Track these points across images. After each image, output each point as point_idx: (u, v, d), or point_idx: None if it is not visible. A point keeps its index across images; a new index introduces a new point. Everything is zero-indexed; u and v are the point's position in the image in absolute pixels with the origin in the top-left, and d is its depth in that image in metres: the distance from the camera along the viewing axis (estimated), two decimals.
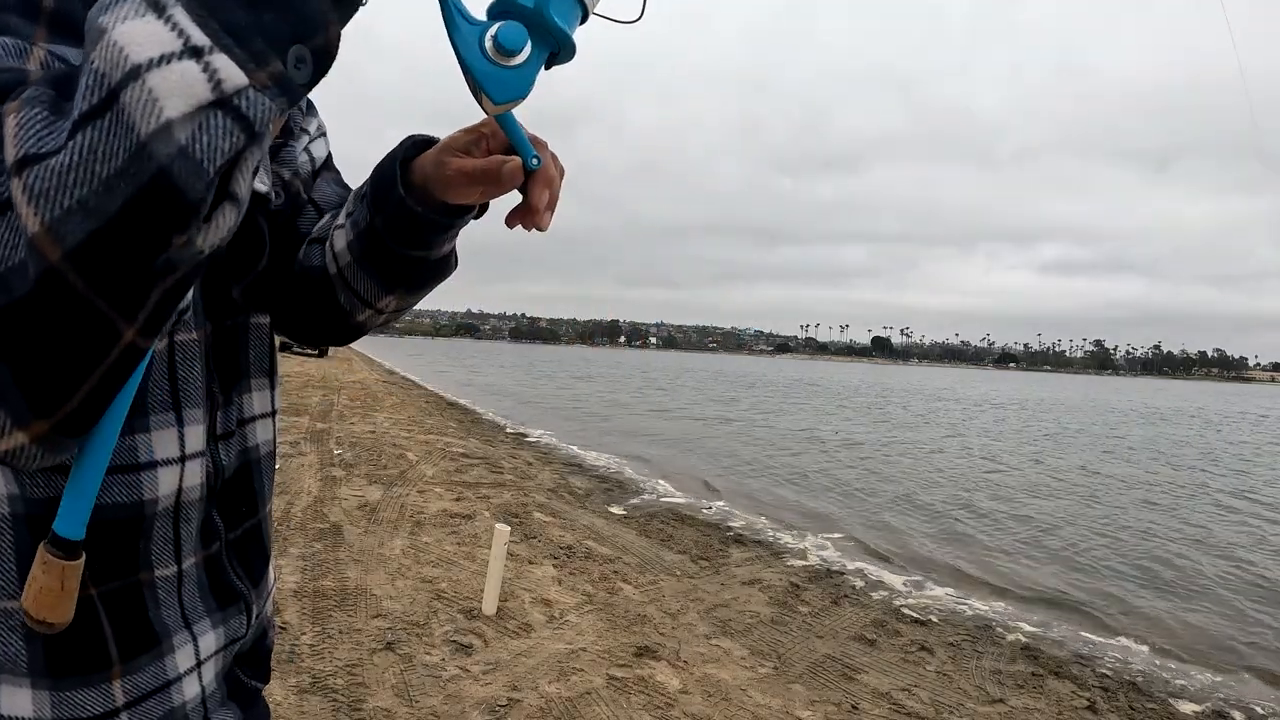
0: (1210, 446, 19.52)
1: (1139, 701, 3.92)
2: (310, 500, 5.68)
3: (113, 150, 0.36)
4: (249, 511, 0.70)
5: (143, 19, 0.37)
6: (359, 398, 14.08)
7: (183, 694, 0.62)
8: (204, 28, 0.38)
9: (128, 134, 0.36)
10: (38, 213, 0.36)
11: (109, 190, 0.36)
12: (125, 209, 0.37)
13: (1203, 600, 5.97)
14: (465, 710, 2.88)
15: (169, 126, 0.37)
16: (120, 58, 0.36)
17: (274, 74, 0.40)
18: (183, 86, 0.37)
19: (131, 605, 0.58)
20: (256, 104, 0.39)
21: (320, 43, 0.42)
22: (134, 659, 0.58)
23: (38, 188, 0.36)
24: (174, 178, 0.37)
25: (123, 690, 0.57)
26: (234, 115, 0.38)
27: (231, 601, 0.67)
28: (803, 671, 3.66)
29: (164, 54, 0.37)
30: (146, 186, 0.37)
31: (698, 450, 12.61)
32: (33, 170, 0.36)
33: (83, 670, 0.55)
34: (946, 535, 7.49)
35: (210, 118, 0.38)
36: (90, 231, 0.36)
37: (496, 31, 0.50)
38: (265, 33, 0.40)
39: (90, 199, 0.36)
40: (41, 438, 0.42)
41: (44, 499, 0.52)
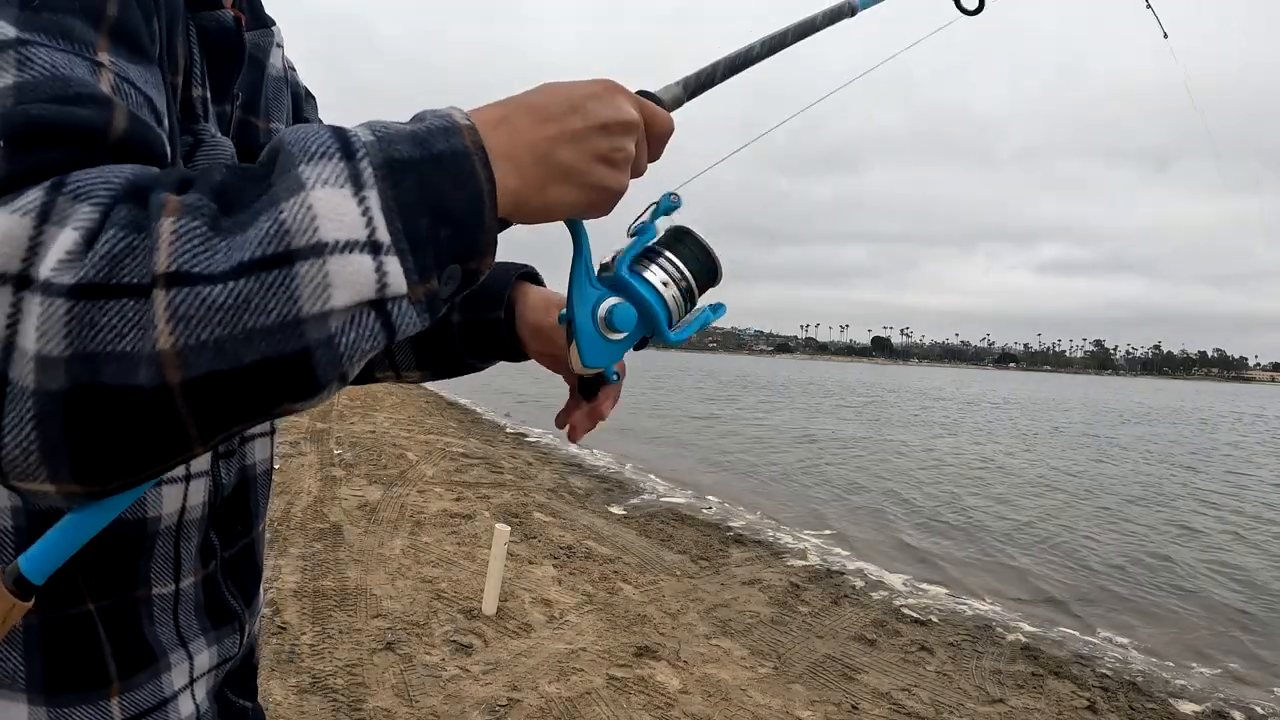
0: (1201, 446, 19.52)
1: (1139, 701, 3.92)
2: (310, 500, 5.68)
3: (268, 309, 0.37)
4: (244, 530, 0.70)
5: (340, 190, 0.38)
6: (359, 398, 14.07)
7: (179, 712, 0.61)
8: (389, 225, 0.39)
9: (289, 303, 0.37)
10: (174, 333, 0.36)
11: (249, 342, 0.37)
12: (257, 366, 0.37)
13: (1202, 600, 5.97)
14: (465, 710, 2.88)
15: (329, 315, 0.38)
16: (310, 225, 0.37)
17: (429, 290, 0.42)
18: (355, 280, 0.38)
19: (128, 622, 0.57)
20: (406, 315, 0.40)
21: (474, 267, 0.44)
22: (132, 676, 0.57)
23: (183, 311, 0.36)
24: (313, 360, 0.38)
25: (120, 707, 0.57)
26: (383, 320, 0.40)
27: (226, 620, 0.67)
28: (803, 671, 3.66)
29: (349, 241, 0.38)
30: (286, 357, 0.37)
31: (689, 448, 12.62)
32: (182, 291, 0.36)
33: (81, 687, 0.55)
34: (946, 535, 7.49)
35: (364, 316, 0.39)
36: (215, 371, 0.36)
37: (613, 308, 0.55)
38: (438, 248, 0.41)
39: (228, 343, 0.36)
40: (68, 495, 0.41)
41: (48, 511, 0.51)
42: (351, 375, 0.42)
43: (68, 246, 0.36)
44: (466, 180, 0.43)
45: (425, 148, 0.42)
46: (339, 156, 0.40)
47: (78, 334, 0.36)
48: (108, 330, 0.36)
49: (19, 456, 0.38)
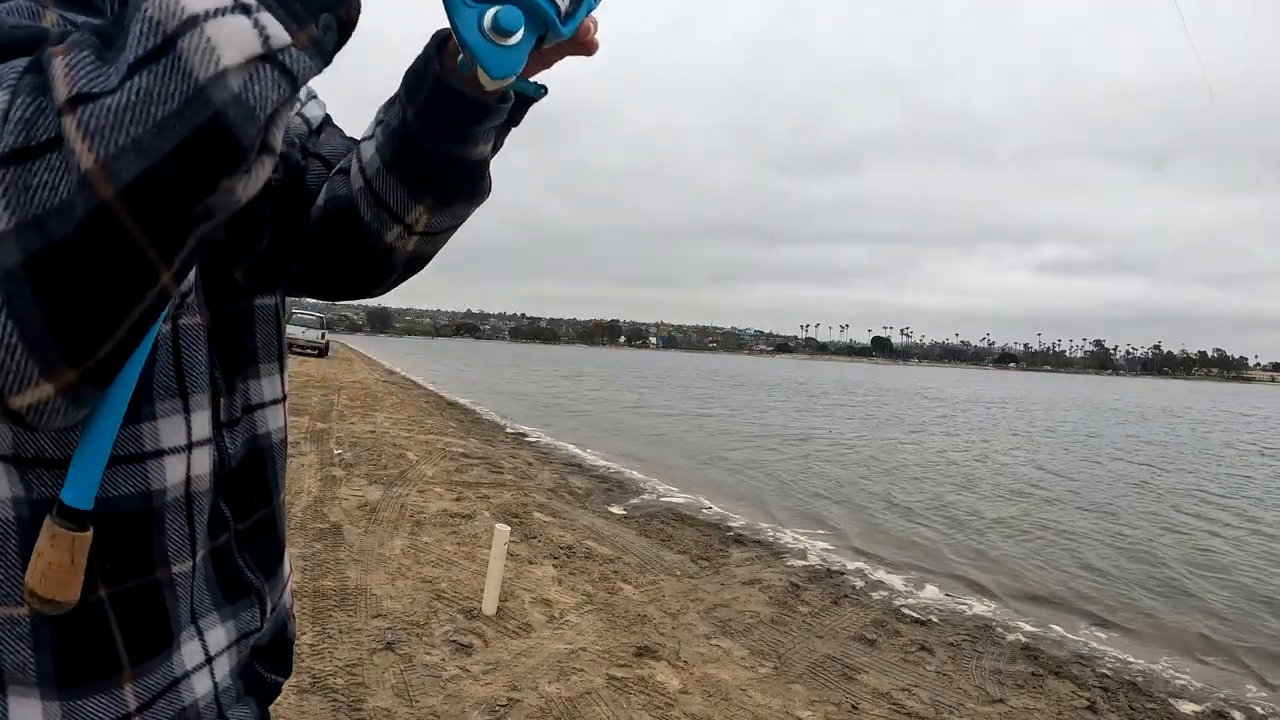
0: (1195, 446, 19.52)
1: (1139, 701, 3.92)
2: (310, 500, 5.68)
3: (168, 93, 0.37)
4: (260, 501, 0.69)
5: None
6: (359, 397, 14.07)
7: (193, 691, 0.60)
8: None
9: (185, 78, 0.37)
10: (92, 149, 0.37)
11: (163, 131, 0.37)
12: (179, 149, 0.38)
13: (1202, 600, 5.98)
14: (465, 710, 2.88)
15: (225, 74, 0.38)
16: (177, 7, 0.38)
17: (311, 36, 0.42)
18: (237, 38, 0.39)
19: (145, 605, 0.56)
20: (299, 61, 0.41)
21: (343, 14, 0.45)
22: (145, 660, 0.56)
23: (93, 125, 0.37)
24: (228, 122, 0.38)
25: (134, 693, 0.56)
26: (280, 69, 0.40)
27: (242, 594, 0.66)
28: (803, 671, 3.66)
29: (218, 7, 0.39)
30: (202, 128, 0.38)
31: (680, 447, 12.62)
32: (87, 108, 0.37)
33: (92, 676, 0.54)
34: (945, 534, 7.48)
35: (260, 69, 0.39)
36: (143, 170, 0.37)
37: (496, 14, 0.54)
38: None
39: (145, 139, 0.37)
40: (68, 388, 0.41)
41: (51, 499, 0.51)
42: (275, 140, 0.42)
43: None
44: None
45: None
46: None
47: (15, 202, 0.37)
48: (42, 189, 0.37)
49: (6, 360, 0.38)
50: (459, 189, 0.69)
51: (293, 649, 0.77)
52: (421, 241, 0.72)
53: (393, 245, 0.71)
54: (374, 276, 0.75)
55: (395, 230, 0.70)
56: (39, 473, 0.51)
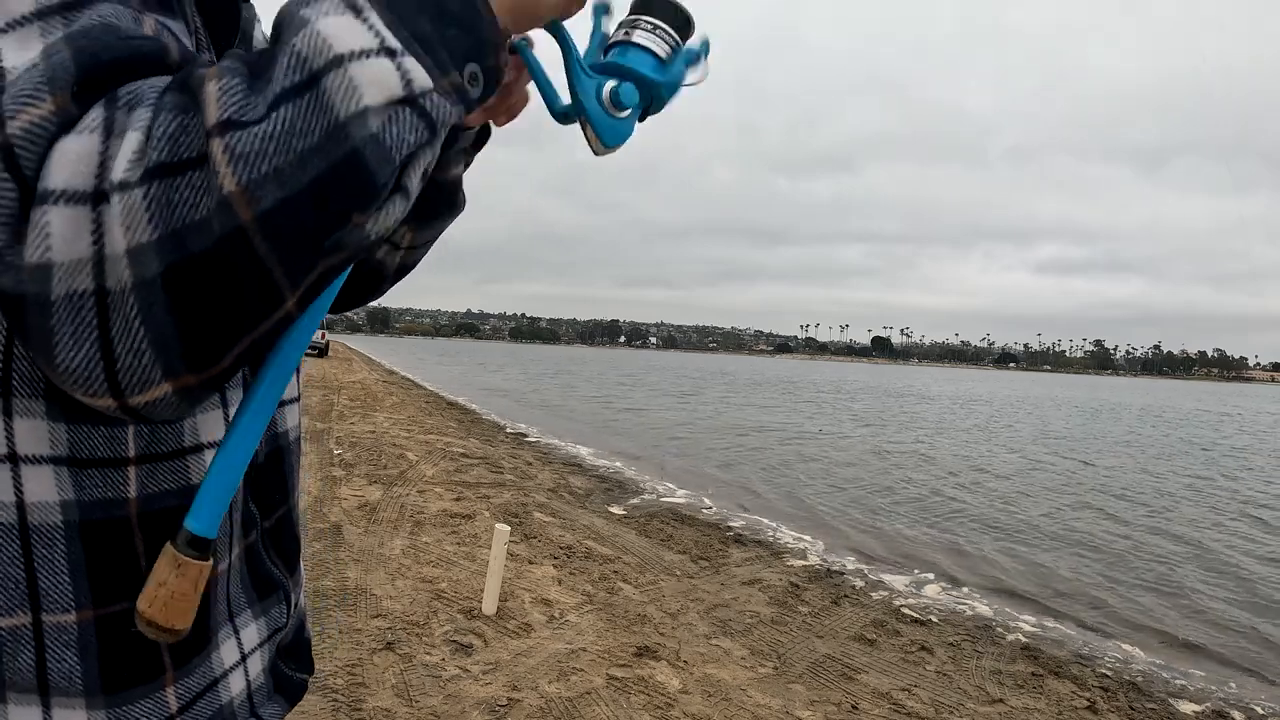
0: (1191, 446, 19.54)
1: (1139, 701, 3.92)
2: (310, 500, 5.68)
3: (310, 127, 0.39)
4: (281, 499, 0.69)
5: (342, 16, 0.42)
6: (359, 398, 14.08)
7: (230, 690, 0.60)
8: (396, 33, 0.43)
9: (326, 114, 0.40)
10: (236, 174, 0.38)
11: (303, 163, 0.39)
12: (316, 182, 0.39)
13: (1202, 599, 5.98)
14: (465, 710, 2.88)
15: (365, 113, 0.40)
16: (324, 45, 0.40)
17: (454, 83, 0.45)
18: (379, 80, 0.41)
19: None
20: (439, 106, 0.43)
21: (492, 64, 0.48)
22: (186, 662, 0.56)
23: (239, 150, 0.38)
24: (365, 160, 0.40)
25: (175, 695, 0.55)
26: (420, 113, 0.42)
27: (271, 591, 0.66)
28: (803, 671, 3.66)
29: (363, 49, 0.41)
30: (339, 164, 0.40)
31: (679, 446, 12.63)
32: (235, 134, 0.39)
33: (137, 682, 0.53)
34: (944, 535, 7.49)
35: (400, 112, 0.41)
36: (281, 199, 0.39)
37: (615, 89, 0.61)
38: (448, 46, 0.45)
39: (285, 169, 0.39)
40: (185, 390, 0.43)
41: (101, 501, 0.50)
42: (411, 182, 0.44)
43: (134, 147, 0.39)
44: None
45: None
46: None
47: (158, 215, 0.38)
48: (183, 205, 0.38)
49: (133, 363, 0.40)
50: (437, 210, 0.75)
51: (311, 647, 0.78)
52: (407, 254, 0.78)
53: (382, 260, 0.77)
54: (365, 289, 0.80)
55: (383, 248, 0.76)
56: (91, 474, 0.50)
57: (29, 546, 0.49)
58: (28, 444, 0.49)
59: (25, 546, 0.49)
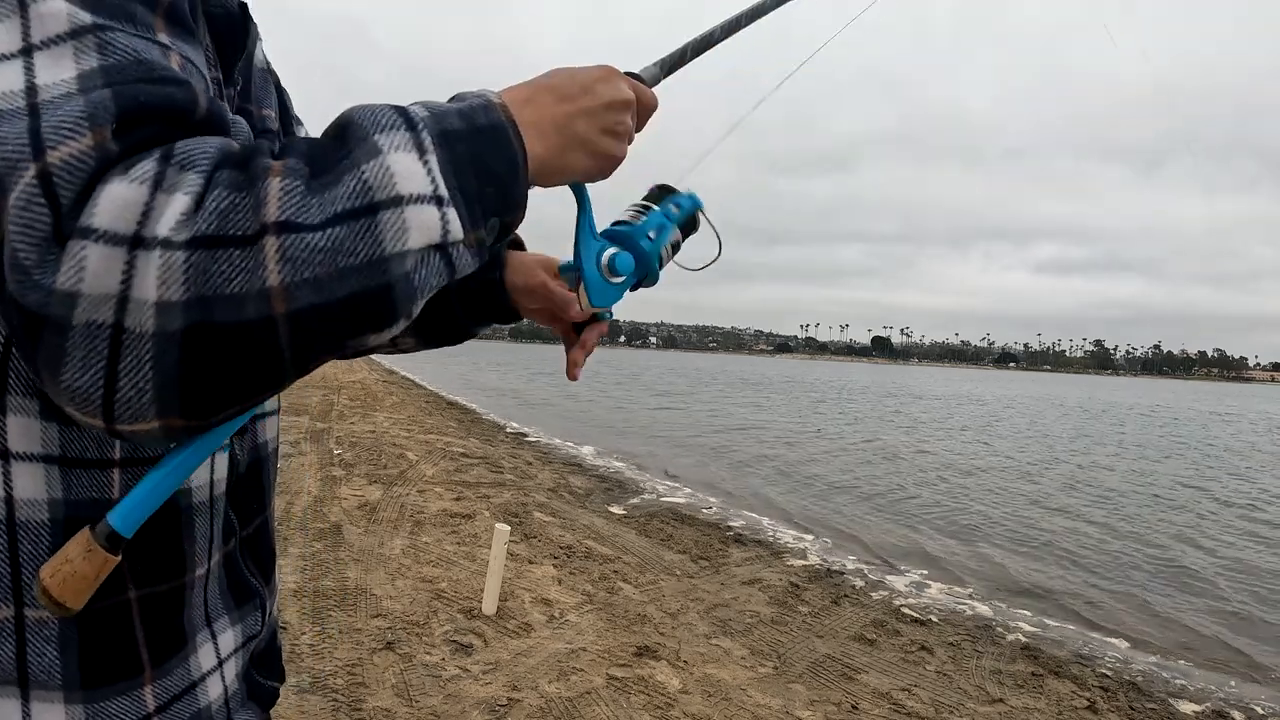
0: (1193, 444, 19.54)
1: (1139, 701, 3.92)
2: (310, 500, 5.68)
3: (357, 251, 0.44)
4: (259, 508, 0.71)
5: (409, 155, 0.46)
6: (359, 397, 14.08)
7: (208, 694, 0.62)
8: (448, 183, 0.48)
9: (375, 245, 0.44)
10: (281, 272, 0.42)
11: (342, 279, 0.44)
12: (348, 299, 0.44)
13: (1202, 599, 5.98)
14: (465, 710, 2.88)
15: (406, 255, 0.45)
16: (389, 181, 0.45)
17: (479, 237, 0.50)
18: (425, 226, 0.46)
19: (169, 608, 0.58)
20: (462, 257, 0.49)
21: (510, 220, 0.53)
22: (165, 662, 0.58)
23: (290, 253, 0.42)
24: (395, 293, 0.45)
25: (153, 695, 0.57)
26: (446, 261, 0.48)
27: (247, 599, 0.68)
28: (803, 671, 3.66)
29: (420, 194, 0.46)
30: (372, 290, 0.45)
31: (675, 443, 12.63)
32: (289, 237, 0.43)
33: (115, 679, 0.55)
34: (944, 534, 7.49)
35: (432, 256, 0.47)
36: (313, 304, 0.43)
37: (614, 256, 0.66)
38: (483, 202, 0.50)
39: (325, 280, 0.43)
40: (171, 430, 0.45)
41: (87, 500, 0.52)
42: (416, 312, 0.49)
43: (182, 208, 0.42)
44: (505, 148, 0.52)
45: (470, 121, 0.51)
46: (404, 128, 0.48)
47: (194, 280, 0.41)
48: (219, 276, 0.42)
49: (133, 397, 0.43)
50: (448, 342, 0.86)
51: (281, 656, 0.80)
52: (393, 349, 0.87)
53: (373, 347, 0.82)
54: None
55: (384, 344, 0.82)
56: (79, 474, 0.52)
57: (15, 541, 0.51)
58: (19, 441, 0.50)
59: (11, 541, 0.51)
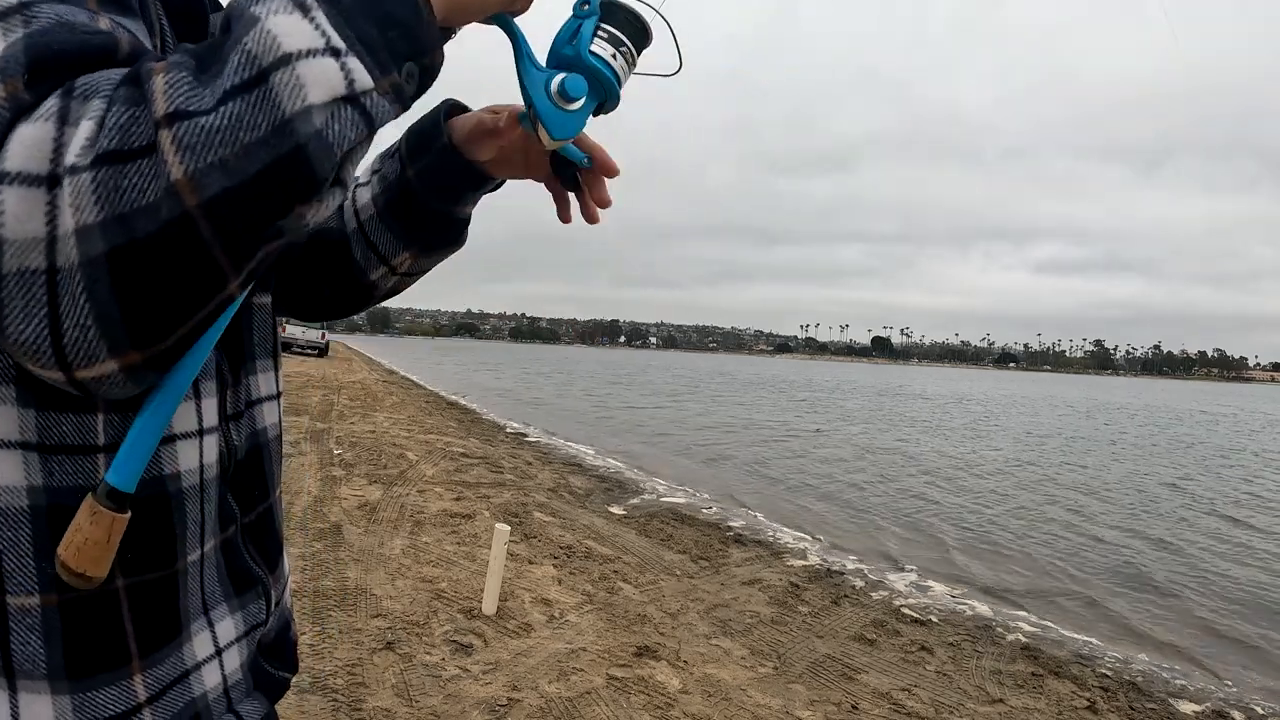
0: (1181, 445, 19.55)
1: (1139, 701, 3.92)
2: (310, 500, 5.68)
3: (257, 122, 0.41)
4: (261, 495, 0.70)
5: (290, 15, 0.43)
6: (359, 397, 14.08)
7: (203, 683, 0.60)
8: (341, 33, 0.45)
9: (273, 110, 0.41)
10: (183, 162, 0.40)
11: (249, 155, 0.41)
12: (261, 174, 0.41)
13: (1201, 599, 5.98)
14: (465, 710, 2.88)
15: (310, 110, 0.42)
16: (273, 44, 0.42)
17: (393, 83, 0.47)
18: (324, 79, 0.43)
19: (158, 596, 0.56)
20: (378, 105, 0.46)
21: (427, 62, 0.50)
22: (155, 651, 0.57)
23: (186, 140, 0.40)
24: (309, 154, 0.42)
25: (143, 684, 0.56)
26: (360, 111, 0.45)
27: (249, 587, 0.67)
28: (803, 671, 3.66)
29: (310, 48, 0.43)
30: (284, 157, 0.42)
31: (673, 442, 12.63)
32: (183, 124, 0.40)
33: (102, 668, 0.54)
34: (944, 534, 7.49)
35: (342, 109, 0.44)
36: (226, 187, 0.41)
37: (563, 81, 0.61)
38: (389, 47, 0.47)
39: (231, 160, 0.41)
40: (130, 368, 0.44)
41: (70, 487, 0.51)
42: (347, 177, 0.46)
43: (87, 134, 0.40)
44: None
45: None
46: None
47: (105, 199, 0.40)
48: (131, 190, 0.40)
49: (79, 337, 0.42)
50: (440, 242, 0.79)
51: (296, 647, 0.78)
52: (402, 280, 0.83)
53: (376, 282, 0.82)
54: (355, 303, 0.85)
55: (381, 270, 0.80)
56: (60, 460, 0.51)
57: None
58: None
59: None
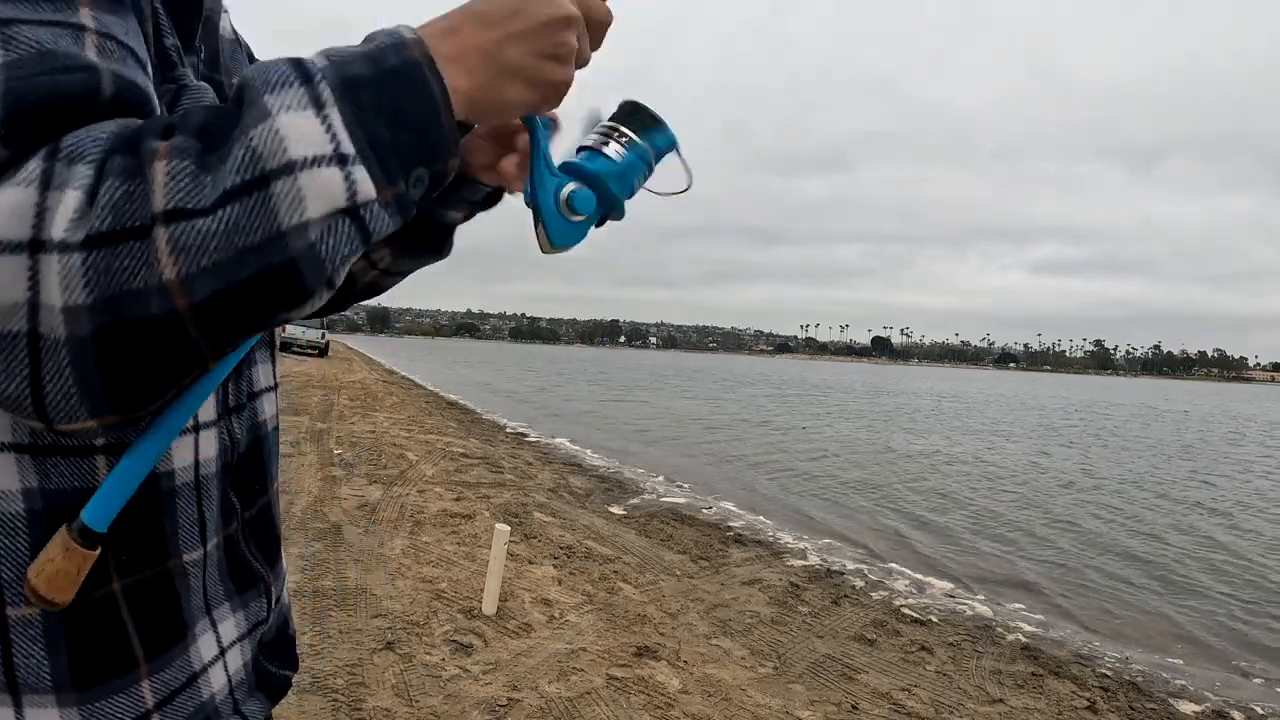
0: (1183, 443, 19.55)
1: (1139, 701, 3.92)
2: (310, 500, 5.68)
3: (253, 228, 0.41)
4: (261, 489, 0.69)
5: (303, 113, 0.42)
6: (359, 397, 14.08)
7: (210, 685, 0.59)
8: (352, 138, 0.43)
9: (270, 220, 0.41)
10: (178, 264, 0.40)
11: (241, 261, 0.41)
12: (250, 281, 0.41)
13: (1202, 599, 5.98)
14: (465, 710, 2.88)
15: (306, 225, 0.42)
16: (279, 147, 0.41)
17: (397, 193, 0.46)
18: (326, 191, 0.42)
19: (160, 596, 0.55)
20: (378, 218, 0.45)
21: (440, 169, 0.49)
22: (160, 654, 0.56)
23: (182, 243, 0.40)
24: (299, 268, 0.42)
25: (151, 690, 0.55)
26: (358, 225, 0.44)
27: (250, 584, 0.66)
28: (803, 671, 3.66)
29: (317, 156, 0.42)
30: (275, 269, 0.42)
31: (673, 443, 12.63)
32: (180, 225, 0.40)
33: (108, 675, 0.53)
34: (943, 534, 7.49)
35: (339, 223, 0.43)
36: (215, 291, 0.41)
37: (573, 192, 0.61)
38: (399, 154, 0.46)
39: (224, 264, 0.41)
40: (110, 426, 0.45)
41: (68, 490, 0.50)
42: (339, 280, 0.46)
43: (74, 206, 0.40)
44: (420, 88, 0.47)
45: (378, 65, 0.46)
46: (299, 83, 0.44)
47: (95, 281, 0.40)
48: (121, 272, 0.40)
49: (61, 401, 0.42)
50: (421, 245, 0.76)
51: (295, 644, 0.77)
52: (379, 276, 0.79)
53: (353, 274, 0.78)
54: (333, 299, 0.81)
55: (359, 263, 0.76)
56: (56, 463, 0.50)
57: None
58: None
59: None
